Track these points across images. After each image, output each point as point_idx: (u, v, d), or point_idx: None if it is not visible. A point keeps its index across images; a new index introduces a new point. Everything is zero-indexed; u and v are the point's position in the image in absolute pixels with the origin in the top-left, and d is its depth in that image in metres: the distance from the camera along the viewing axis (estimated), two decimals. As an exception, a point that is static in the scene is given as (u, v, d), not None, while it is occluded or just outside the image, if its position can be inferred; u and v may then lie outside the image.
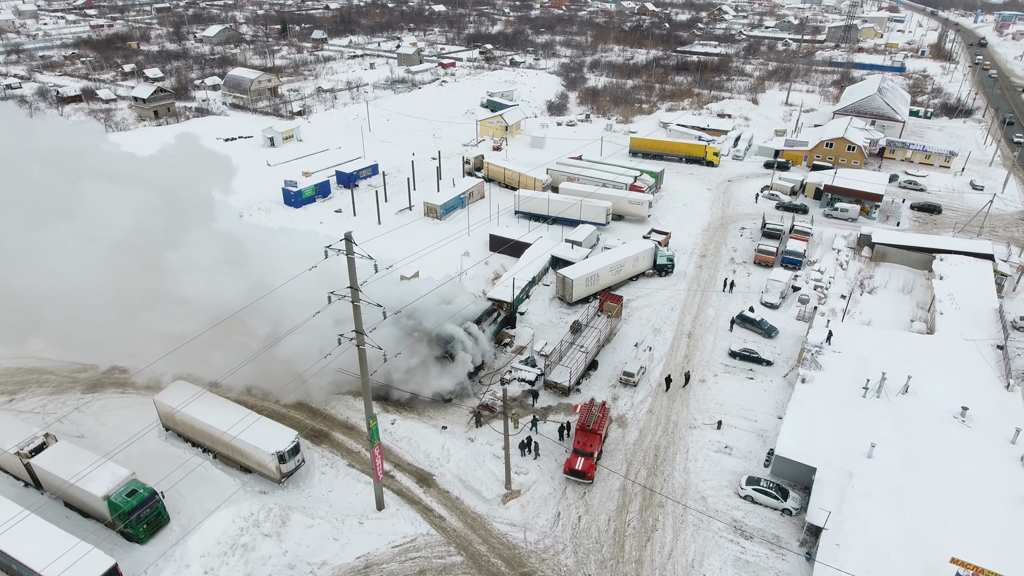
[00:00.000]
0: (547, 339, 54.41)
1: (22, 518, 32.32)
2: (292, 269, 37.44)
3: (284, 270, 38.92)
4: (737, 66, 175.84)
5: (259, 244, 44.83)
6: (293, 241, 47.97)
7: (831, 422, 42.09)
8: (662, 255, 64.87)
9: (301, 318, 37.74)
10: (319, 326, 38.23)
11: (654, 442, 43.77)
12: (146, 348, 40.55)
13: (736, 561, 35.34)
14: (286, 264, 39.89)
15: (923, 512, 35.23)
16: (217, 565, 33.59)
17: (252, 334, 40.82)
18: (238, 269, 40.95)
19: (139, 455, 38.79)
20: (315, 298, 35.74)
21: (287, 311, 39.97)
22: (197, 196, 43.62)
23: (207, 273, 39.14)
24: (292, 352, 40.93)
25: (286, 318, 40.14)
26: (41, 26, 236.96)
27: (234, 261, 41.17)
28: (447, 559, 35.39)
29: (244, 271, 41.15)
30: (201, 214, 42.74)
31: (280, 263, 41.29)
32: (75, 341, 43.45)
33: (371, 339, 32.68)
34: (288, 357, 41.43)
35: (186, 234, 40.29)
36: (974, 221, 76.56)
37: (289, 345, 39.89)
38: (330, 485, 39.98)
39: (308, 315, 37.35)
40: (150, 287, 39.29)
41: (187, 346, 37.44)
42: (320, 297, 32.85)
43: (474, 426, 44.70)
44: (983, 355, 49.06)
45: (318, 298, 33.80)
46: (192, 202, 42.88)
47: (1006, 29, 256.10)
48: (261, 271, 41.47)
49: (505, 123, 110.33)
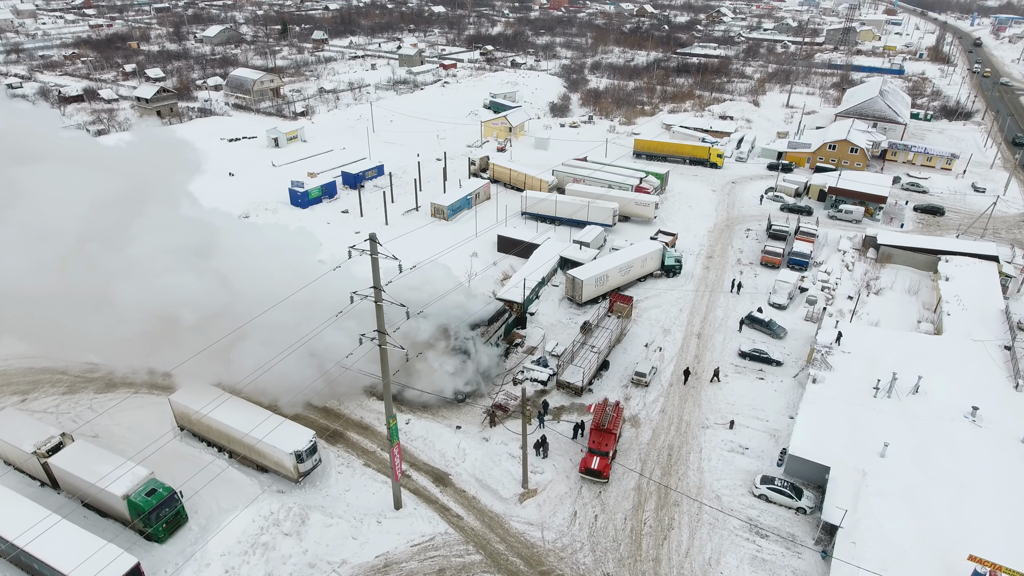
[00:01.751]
0: (557, 339, 54.68)
1: (43, 518, 32.35)
2: (262, 265, 36.54)
3: (253, 265, 38.27)
4: (737, 68, 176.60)
5: (227, 238, 42.62)
6: (262, 235, 46.69)
7: (843, 422, 42.45)
8: (670, 256, 65.24)
9: (301, 320, 37.38)
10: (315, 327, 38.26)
11: (667, 442, 44.06)
12: (113, 347, 39.35)
13: (752, 559, 35.65)
14: (254, 260, 39.23)
15: (938, 510, 35.61)
16: (238, 564, 33.73)
17: (266, 340, 40.16)
18: (196, 263, 38.87)
19: (154, 454, 38.81)
20: (302, 298, 35.70)
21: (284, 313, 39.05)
22: (160, 185, 41.21)
23: (161, 270, 36.95)
24: (304, 355, 40.73)
25: (287, 321, 39.52)
26: (40, 25, 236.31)
27: (193, 253, 39.02)
28: (466, 558, 35.60)
29: (204, 265, 39.04)
30: (164, 204, 40.24)
31: (246, 258, 40.22)
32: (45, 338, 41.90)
33: (393, 339, 32.84)
34: (304, 359, 41.50)
35: (142, 225, 37.88)
36: (978, 223, 77.15)
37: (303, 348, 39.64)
38: (347, 484, 40.14)
39: (308, 317, 37.51)
40: (101, 282, 36.89)
41: (188, 344, 37.15)
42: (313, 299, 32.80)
43: (488, 425, 44.91)
44: (991, 356, 49.53)
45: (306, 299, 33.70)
46: (155, 192, 40.43)
47: (1003, 32, 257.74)
48: (225, 266, 39.90)
49: (509, 124, 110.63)
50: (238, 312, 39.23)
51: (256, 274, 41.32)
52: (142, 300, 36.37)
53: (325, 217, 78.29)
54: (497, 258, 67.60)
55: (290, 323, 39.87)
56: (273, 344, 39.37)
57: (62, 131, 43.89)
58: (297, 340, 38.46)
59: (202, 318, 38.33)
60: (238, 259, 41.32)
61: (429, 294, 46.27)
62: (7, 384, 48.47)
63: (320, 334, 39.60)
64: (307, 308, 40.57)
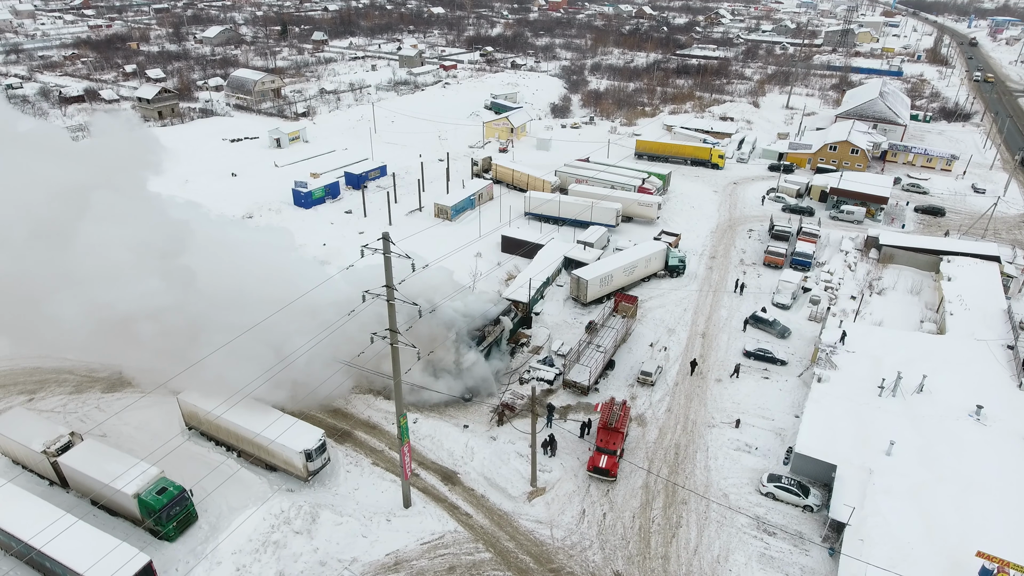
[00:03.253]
0: (563, 339, 54.88)
1: (59, 518, 32.41)
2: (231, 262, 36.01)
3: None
4: (736, 70, 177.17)
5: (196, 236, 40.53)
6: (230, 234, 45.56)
7: (849, 420, 42.70)
8: (674, 256, 65.50)
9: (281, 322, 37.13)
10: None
11: (674, 440, 44.28)
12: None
13: (761, 557, 35.86)
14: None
15: (945, 508, 35.87)
16: (249, 562, 33.83)
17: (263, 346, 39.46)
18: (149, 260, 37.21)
19: (163, 453, 38.91)
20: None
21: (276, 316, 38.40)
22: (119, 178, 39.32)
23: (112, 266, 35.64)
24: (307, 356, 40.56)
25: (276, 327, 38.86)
26: (39, 26, 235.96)
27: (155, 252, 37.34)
28: (476, 555, 35.75)
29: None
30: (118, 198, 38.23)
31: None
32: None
33: (405, 337, 33.01)
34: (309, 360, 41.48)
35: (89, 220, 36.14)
36: (979, 224, 77.58)
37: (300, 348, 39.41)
38: (355, 483, 40.25)
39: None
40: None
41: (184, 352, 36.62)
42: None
43: (496, 424, 45.08)
44: (994, 355, 49.85)
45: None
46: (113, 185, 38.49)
47: (1000, 34, 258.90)
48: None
49: (511, 125, 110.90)
50: (210, 314, 38.00)
51: (224, 272, 39.99)
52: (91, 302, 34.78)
53: (329, 217, 78.46)
54: (501, 258, 67.78)
55: (290, 323, 39.87)
56: (273, 345, 39.38)
57: (18, 122, 41.89)
58: (310, 341, 38.56)
59: (159, 318, 36.63)
60: (206, 257, 39.58)
61: (428, 299, 46.40)
62: (13, 384, 48.53)
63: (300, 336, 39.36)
64: (310, 308, 40.71)
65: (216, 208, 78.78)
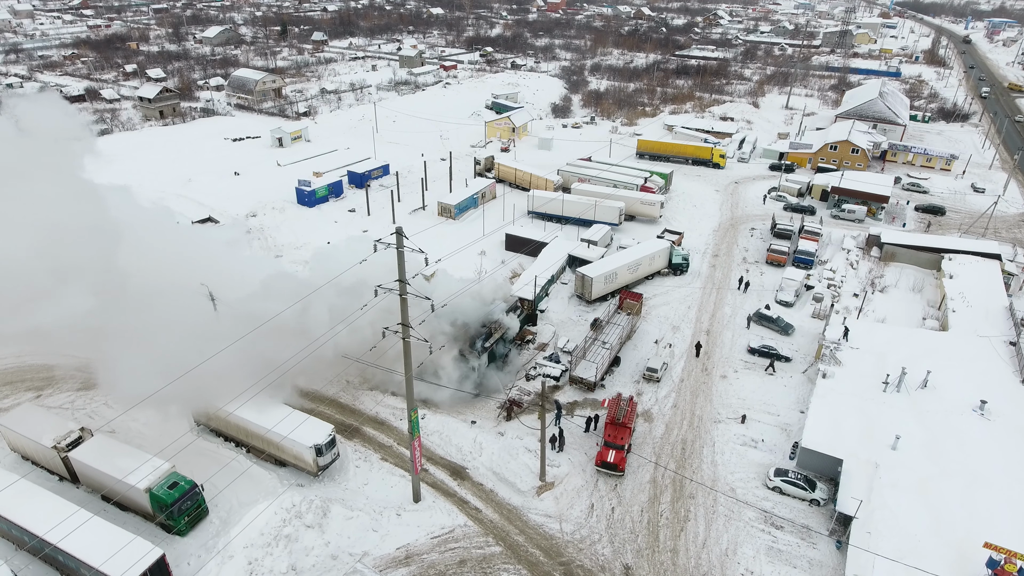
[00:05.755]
0: (568, 336, 55.13)
1: (72, 513, 32.58)
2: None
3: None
4: (736, 70, 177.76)
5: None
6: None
7: (854, 415, 43.02)
8: (678, 254, 65.82)
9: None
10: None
11: (681, 436, 44.56)
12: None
13: (768, 550, 36.14)
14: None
15: (951, 501, 36.20)
16: (261, 556, 34.00)
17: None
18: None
19: (172, 449, 39.00)
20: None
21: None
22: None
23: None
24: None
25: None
26: (38, 26, 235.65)
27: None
28: (486, 549, 35.96)
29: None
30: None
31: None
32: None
33: (417, 332, 33.24)
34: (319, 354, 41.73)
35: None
36: (979, 222, 78.07)
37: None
38: (365, 478, 40.45)
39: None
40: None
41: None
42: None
43: (503, 420, 45.31)
44: (997, 351, 50.25)
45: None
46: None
47: (997, 36, 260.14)
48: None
49: (513, 125, 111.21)
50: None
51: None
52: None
53: (332, 216, 78.63)
54: (505, 256, 68.03)
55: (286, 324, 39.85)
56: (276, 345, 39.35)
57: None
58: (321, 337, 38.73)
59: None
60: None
61: (436, 297, 46.52)
62: (21, 380, 48.61)
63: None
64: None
65: (220, 207, 79.37)
